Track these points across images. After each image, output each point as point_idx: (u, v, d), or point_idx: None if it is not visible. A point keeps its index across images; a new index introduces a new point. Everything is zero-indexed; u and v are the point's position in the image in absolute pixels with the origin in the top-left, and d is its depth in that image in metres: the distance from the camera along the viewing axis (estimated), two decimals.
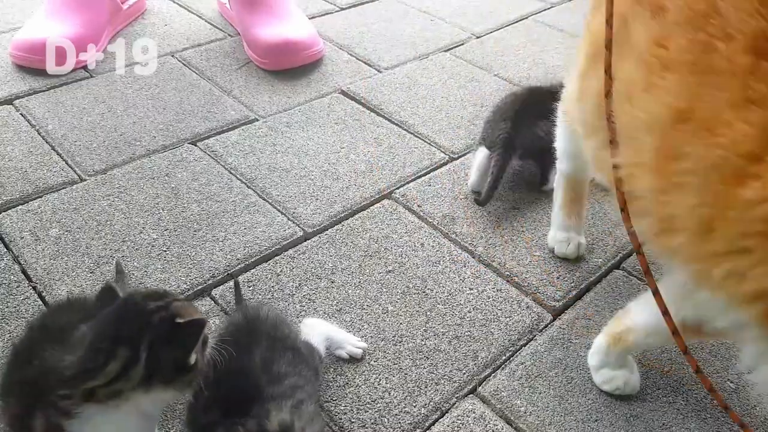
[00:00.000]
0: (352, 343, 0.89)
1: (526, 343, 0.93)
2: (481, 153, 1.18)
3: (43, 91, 1.38)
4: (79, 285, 0.96)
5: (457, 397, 0.85)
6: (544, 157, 1.17)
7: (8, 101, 1.35)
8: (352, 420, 0.82)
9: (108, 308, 0.62)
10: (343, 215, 1.12)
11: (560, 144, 0.99)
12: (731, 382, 0.89)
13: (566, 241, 1.05)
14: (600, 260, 1.07)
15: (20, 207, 1.09)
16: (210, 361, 0.65)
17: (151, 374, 0.58)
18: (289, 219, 1.11)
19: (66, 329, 0.65)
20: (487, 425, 0.82)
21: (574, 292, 1.01)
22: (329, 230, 1.09)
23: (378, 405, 0.83)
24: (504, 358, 0.91)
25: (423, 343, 0.92)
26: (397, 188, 1.19)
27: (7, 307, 0.92)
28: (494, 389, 0.86)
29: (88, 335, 0.60)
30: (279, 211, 1.12)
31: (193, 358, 0.60)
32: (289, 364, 0.72)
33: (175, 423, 0.79)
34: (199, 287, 0.97)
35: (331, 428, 0.81)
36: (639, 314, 0.80)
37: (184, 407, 0.73)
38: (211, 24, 1.71)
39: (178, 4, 1.80)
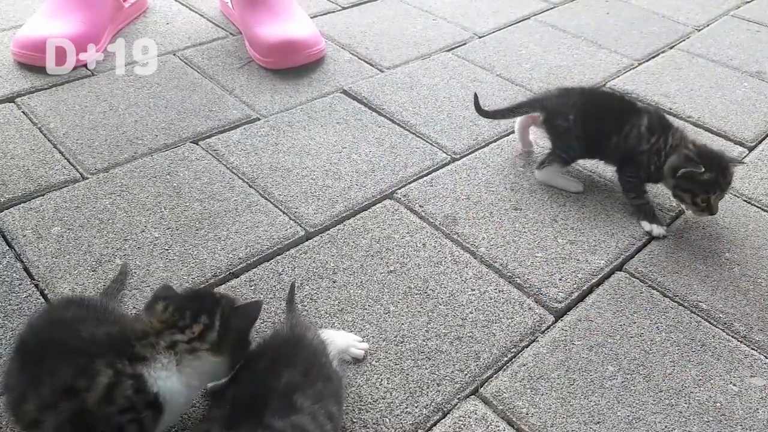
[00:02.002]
0: (354, 345, 0.89)
1: (528, 345, 0.93)
2: (518, 119, 1.26)
3: (45, 89, 1.38)
4: (81, 283, 0.96)
5: (458, 398, 0.85)
6: (556, 138, 1.19)
7: (10, 99, 1.35)
8: (354, 420, 0.81)
9: (179, 293, 0.76)
10: (344, 215, 1.12)
11: None
12: (734, 385, 0.89)
13: None
14: (602, 262, 1.06)
15: (22, 205, 1.09)
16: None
17: (221, 341, 0.71)
18: (290, 218, 1.10)
19: (81, 318, 0.74)
20: (488, 426, 0.82)
21: (576, 294, 1.01)
22: (331, 230, 1.09)
23: (379, 405, 0.83)
24: (506, 359, 0.90)
25: (425, 343, 0.92)
26: (399, 188, 1.19)
27: (9, 305, 0.92)
28: (496, 390, 0.86)
29: (171, 306, 0.72)
30: (281, 210, 1.12)
31: (251, 334, 0.74)
32: (312, 397, 0.69)
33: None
34: (201, 286, 0.97)
35: None
36: None
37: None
38: (213, 23, 1.71)
39: (179, 2, 1.80)
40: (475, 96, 1.27)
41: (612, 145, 1.16)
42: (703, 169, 1.06)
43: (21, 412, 0.67)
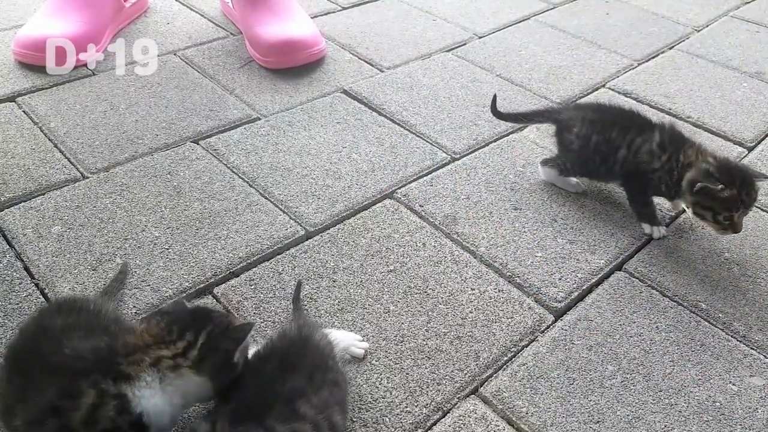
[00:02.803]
0: (354, 344, 0.89)
1: (528, 344, 0.93)
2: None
3: (46, 88, 1.38)
4: (81, 282, 0.96)
5: (458, 398, 0.85)
6: (561, 149, 1.19)
7: (11, 98, 1.35)
8: (354, 419, 0.82)
9: (182, 309, 0.76)
10: (344, 214, 1.12)
11: None
12: (733, 384, 0.89)
13: None
14: (602, 261, 1.07)
15: (23, 204, 1.09)
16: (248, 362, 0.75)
17: (203, 358, 0.70)
18: (290, 218, 1.11)
19: (71, 326, 0.73)
20: (488, 426, 0.82)
21: (576, 294, 1.01)
22: (331, 229, 1.09)
23: (379, 404, 0.83)
24: (506, 358, 0.91)
25: (424, 343, 0.92)
26: (399, 188, 1.19)
27: (9, 304, 0.92)
28: (496, 390, 0.86)
29: (164, 321, 0.73)
30: (281, 210, 1.12)
31: (237, 356, 0.72)
32: (317, 406, 0.68)
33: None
34: (201, 285, 0.97)
35: None
36: None
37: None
38: (214, 22, 1.71)
39: (180, 2, 1.80)
40: (494, 97, 1.28)
41: (619, 158, 1.11)
42: (720, 186, 0.99)
43: (11, 425, 0.67)
